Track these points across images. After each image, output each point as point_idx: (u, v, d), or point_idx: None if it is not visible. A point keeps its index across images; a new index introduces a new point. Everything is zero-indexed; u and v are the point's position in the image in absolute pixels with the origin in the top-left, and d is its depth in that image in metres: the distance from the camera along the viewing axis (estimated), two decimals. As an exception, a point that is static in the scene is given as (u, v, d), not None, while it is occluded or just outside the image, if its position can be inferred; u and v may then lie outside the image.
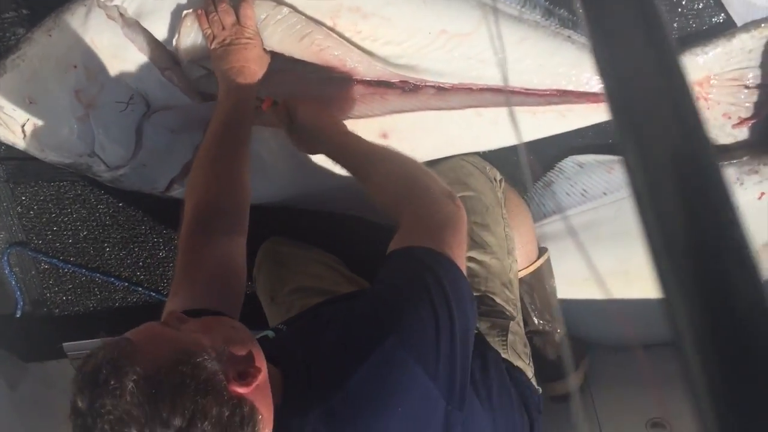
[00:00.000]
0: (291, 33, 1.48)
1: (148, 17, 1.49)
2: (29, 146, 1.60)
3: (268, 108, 1.49)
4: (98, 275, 1.92)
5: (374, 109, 1.56)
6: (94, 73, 1.53)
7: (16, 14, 1.61)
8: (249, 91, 1.38)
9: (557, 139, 1.61)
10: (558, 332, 1.69)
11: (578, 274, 1.66)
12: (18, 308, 1.95)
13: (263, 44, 1.45)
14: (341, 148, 1.41)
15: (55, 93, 1.55)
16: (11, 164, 1.77)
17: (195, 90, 1.55)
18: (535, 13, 1.50)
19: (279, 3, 1.46)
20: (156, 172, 1.64)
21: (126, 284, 1.93)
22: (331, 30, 1.49)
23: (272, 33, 1.47)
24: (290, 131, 1.47)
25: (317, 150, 1.47)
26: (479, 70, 1.52)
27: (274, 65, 1.47)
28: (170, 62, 1.52)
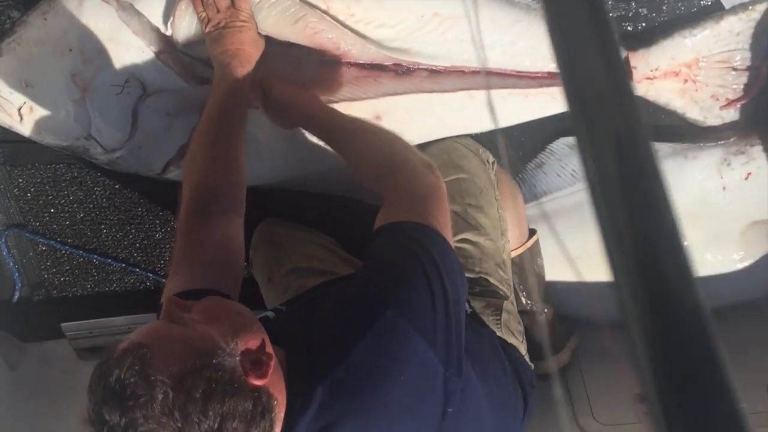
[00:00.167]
0: (285, 16, 1.49)
1: (143, 0, 1.50)
2: (26, 129, 1.61)
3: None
4: (95, 256, 1.93)
5: (367, 92, 1.58)
6: (90, 57, 1.54)
7: (11, -2, 1.61)
8: (244, 74, 1.39)
9: (548, 121, 1.63)
10: (546, 312, 1.72)
11: (568, 254, 1.68)
12: (16, 289, 1.97)
13: (258, 27, 1.47)
14: (317, 121, 1.43)
15: (52, 76, 1.56)
16: (8, 147, 1.78)
17: (190, 73, 1.56)
18: (528, -4, 1.52)
19: (273, -14, 1.47)
20: (152, 155, 1.66)
21: (123, 265, 1.95)
22: (325, 13, 1.50)
23: (266, 16, 1.48)
24: (265, 106, 1.49)
25: (293, 124, 1.49)
26: (472, 53, 1.53)
27: (269, 48, 1.48)
28: (165, 45, 1.53)
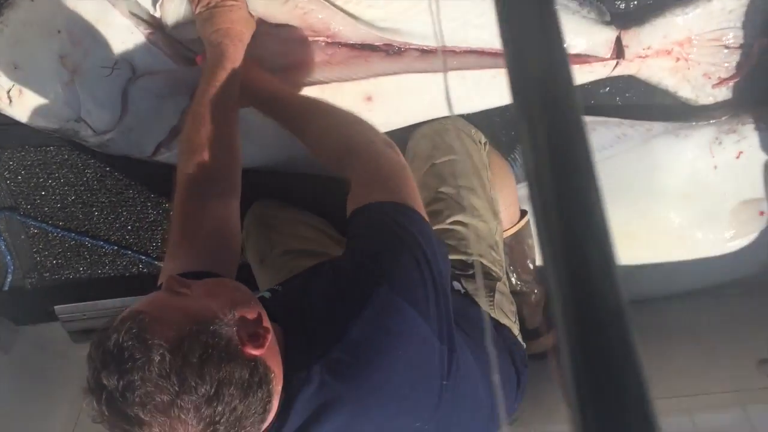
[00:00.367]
0: (275, -4, 1.48)
1: (132, -19, 1.49)
2: (15, 112, 1.60)
3: (202, 62, 1.45)
4: (87, 239, 1.93)
5: (358, 72, 1.57)
6: (78, 39, 1.53)
7: (-3, -21, 1.59)
8: (236, 54, 1.37)
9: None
10: (536, 293, 1.72)
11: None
12: (9, 273, 1.96)
13: (248, 7, 1.45)
14: (273, 101, 1.42)
15: (40, 58, 1.55)
16: (-3, 130, 1.77)
17: (180, 54, 1.55)
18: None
19: (262, -34, 1.46)
20: (143, 137, 1.65)
21: (115, 248, 1.94)
22: (315, -7, 1.49)
23: (256, -4, 1.47)
24: None
25: (248, 103, 1.46)
26: (463, 33, 1.53)
27: (258, 29, 1.47)
28: (155, 27, 1.52)
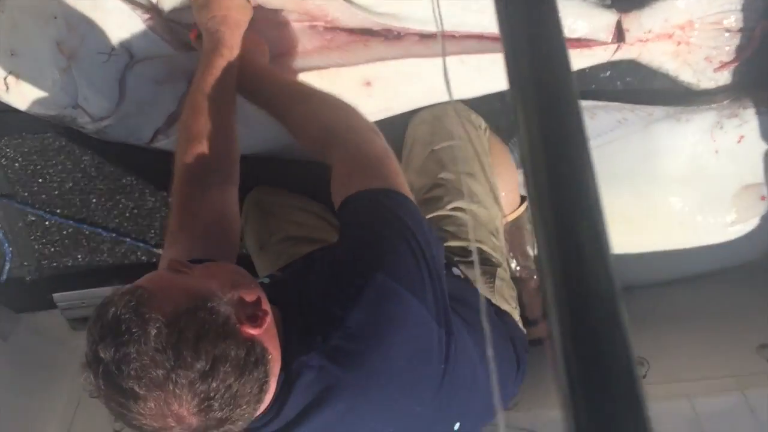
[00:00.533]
0: (273, -19, 1.47)
1: (128, -34, 1.47)
2: (12, 99, 1.59)
3: (195, 39, 1.44)
4: (85, 226, 1.92)
5: (357, 57, 1.56)
6: (75, 24, 1.52)
7: (-8, -36, 1.58)
8: (232, 40, 1.36)
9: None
10: (535, 278, 1.72)
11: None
12: (7, 260, 1.96)
13: (245, -7, 1.44)
14: (255, 84, 1.38)
15: (37, 45, 1.53)
16: (-5, 117, 1.76)
17: (178, 40, 1.54)
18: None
19: (260, -50, 1.45)
20: (140, 123, 1.64)
21: (113, 235, 1.94)
22: (313, -22, 1.48)
23: (254, -19, 1.46)
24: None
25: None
26: (462, 17, 1.52)
27: (256, 14, 1.45)
28: (152, 12, 1.51)
